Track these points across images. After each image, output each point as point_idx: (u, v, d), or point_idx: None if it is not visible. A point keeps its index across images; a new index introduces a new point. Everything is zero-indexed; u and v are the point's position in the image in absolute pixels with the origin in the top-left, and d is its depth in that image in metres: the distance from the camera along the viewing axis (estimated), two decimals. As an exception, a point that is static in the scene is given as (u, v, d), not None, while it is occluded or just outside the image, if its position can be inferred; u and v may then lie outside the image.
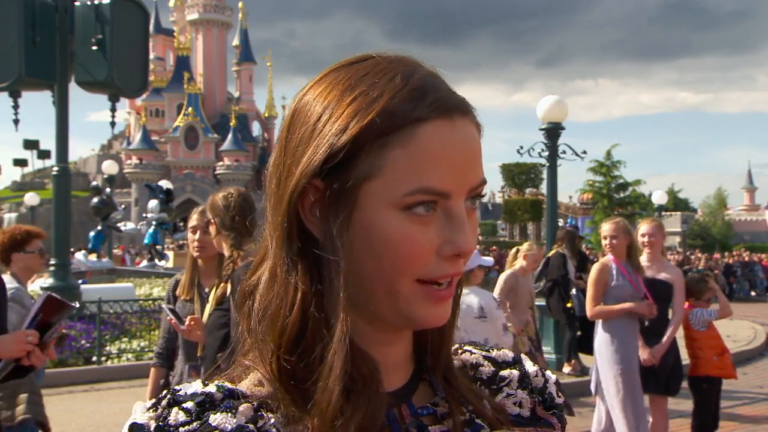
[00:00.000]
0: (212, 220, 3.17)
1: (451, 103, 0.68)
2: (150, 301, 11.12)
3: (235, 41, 79.71)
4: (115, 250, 23.62)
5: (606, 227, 5.26)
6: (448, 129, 0.67)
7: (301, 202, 0.68)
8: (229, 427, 0.63)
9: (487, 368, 0.82)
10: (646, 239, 5.35)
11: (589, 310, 5.20)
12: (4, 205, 66.00)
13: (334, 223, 0.67)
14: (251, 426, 0.64)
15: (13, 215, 62.26)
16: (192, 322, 3.25)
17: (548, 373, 0.85)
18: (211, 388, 0.67)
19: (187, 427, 0.63)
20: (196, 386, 0.67)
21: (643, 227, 5.45)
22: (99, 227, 19.61)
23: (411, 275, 0.67)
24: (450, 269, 0.68)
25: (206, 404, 0.65)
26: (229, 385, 0.68)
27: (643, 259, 5.34)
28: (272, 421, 0.66)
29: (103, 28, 9.95)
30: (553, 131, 9.79)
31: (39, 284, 12.71)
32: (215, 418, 0.64)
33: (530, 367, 0.84)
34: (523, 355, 0.86)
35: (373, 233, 0.66)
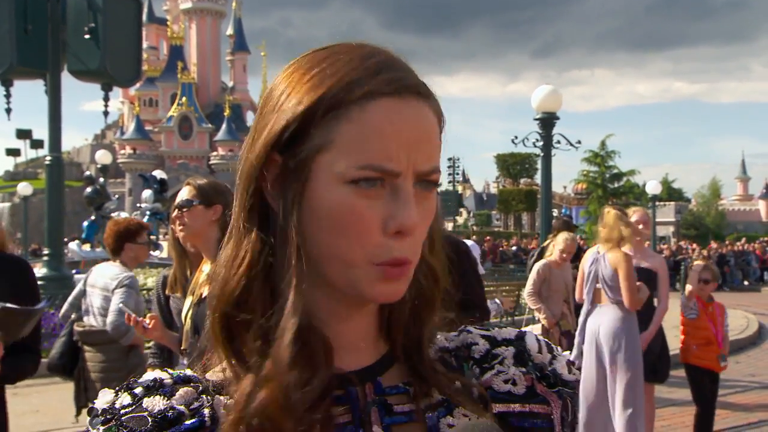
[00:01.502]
0: (220, 205, 2.83)
1: (405, 83, 0.69)
2: (144, 291, 11.10)
3: (229, 30, 79.36)
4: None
5: (638, 215, 5.33)
6: (398, 108, 0.68)
7: (263, 177, 0.71)
8: (156, 409, 0.68)
9: (481, 347, 0.81)
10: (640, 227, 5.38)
11: (638, 302, 5.03)
12: (-3, 195, 65.72)
13: (289, 196, 0.69)
14: (182, 407, 0.68)
15: (6, 205, 62.04)
16: (152, 321, 3.10)
17: (558, 349, 0.84)
18: (164, 374, 0.72)
19: (127, 410, 0.68)
20: (153, 374, 0.72)
21: (636, 216, 5.46)
22: (92, 217, 19.55)
23: (363, 252, 0.68)
24: (395, 251, 0.68)
25: (152, 389, 0.70)
26: (188, 372, 0.72)
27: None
28: (210, 402, 0.69)
29: (96, 16, 9.90)
30: (547, 121, 9.78)
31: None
32: (148, 401, 0.68)
33: (532, 343, 0.82)
34: (528, 332, 0.84)
35: (323, 205, 0.68)
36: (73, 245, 17.17)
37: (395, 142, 0.67)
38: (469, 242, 5.63)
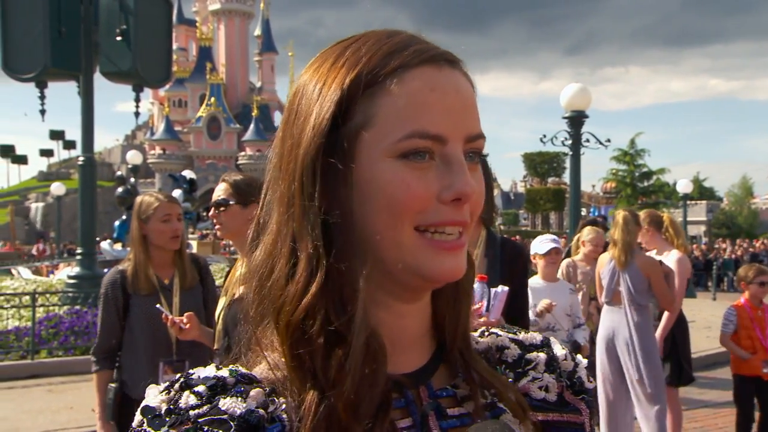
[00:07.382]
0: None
1: (436, 52, 0.69)
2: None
3: (257, 31, 79.88)
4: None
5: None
6: (435, 75, 0.68)
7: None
8: (239, 411, 0.63)
9: (513, 351, 0.80)
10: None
11: (672, 305, 5.15)
12: (31, 194, 66.90)
13: (336, 181, 0.67)
14: (261, 411, 0.64)
15: (40, 205, 63.17)
16: (189, 321, 2.94)
17: (579, 357, 0.83)
18: (224, 372, 0.67)
19: (197, 411, 0.63)
20: (209, 370, 0.67)
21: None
22: (124, 217, 19.80)
23: (410, 222, 0.66)
24: (450, 215, 0.67)
25: (218, 388, 0.65)
26: (242, 369, 0.68)
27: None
28: (283, 406, 0.66)
29: (128, 18, 10.04)
30: (576, 119, 9.71)
31: (66, 273, 12.91)
32: (225, 402, 0.64)
33: (559, 350, 0.82)
34: (552, 339, 0.84)
35: (372, 185, 0.66)
36: (104, 244, 17.43)
37: (437, 108, 0.67)
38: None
